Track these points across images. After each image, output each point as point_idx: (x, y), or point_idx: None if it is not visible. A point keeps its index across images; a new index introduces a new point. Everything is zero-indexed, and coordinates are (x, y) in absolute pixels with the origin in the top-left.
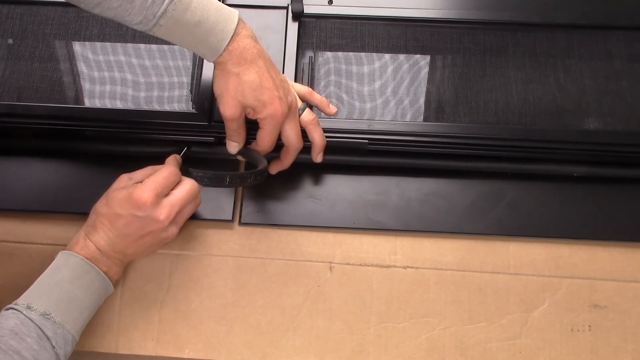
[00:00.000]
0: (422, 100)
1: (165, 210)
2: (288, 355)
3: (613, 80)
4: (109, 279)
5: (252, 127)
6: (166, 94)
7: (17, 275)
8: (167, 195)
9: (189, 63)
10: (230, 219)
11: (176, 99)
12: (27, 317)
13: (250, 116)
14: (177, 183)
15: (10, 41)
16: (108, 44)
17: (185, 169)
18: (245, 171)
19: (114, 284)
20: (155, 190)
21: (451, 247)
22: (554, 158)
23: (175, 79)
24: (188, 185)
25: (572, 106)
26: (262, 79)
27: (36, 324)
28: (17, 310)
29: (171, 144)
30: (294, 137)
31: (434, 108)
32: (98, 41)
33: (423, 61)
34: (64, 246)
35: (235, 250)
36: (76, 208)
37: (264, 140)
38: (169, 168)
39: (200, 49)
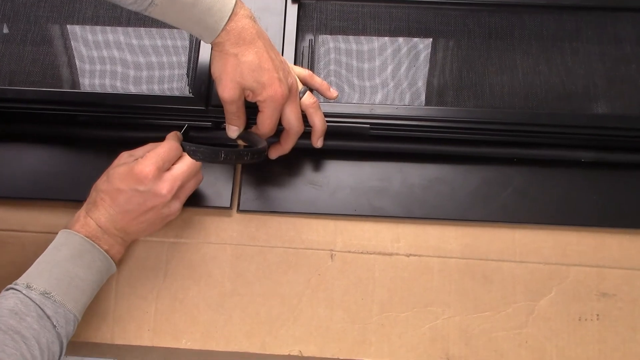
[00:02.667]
0: (425, 84)
1: (167, 184)
2: (288, 345)
3: (622, 63)
4: (111, 257)
5: (252, 110)
6: (164, 79)
7: (10, 264)
8: (168, 169)
9: (186, 46)
10: (229, 206)
11: (174, 85)
12: (26, 296)
13: (250, 99)
14: (179, 158)
15: (6, 30)
16: (102, 26)
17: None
18: (242, 148)
19: (116, 263)
20: (156, 164)
21: (455, 235)
22: (561, 143)
23: (172, 63)
24: (189, 160)
25: (580, 90)
26: (262, 60)
27: (36, 303)
28: (17, 290)
29: (169, 129)
30: (294, 120)
31: (438, 92)
32: (92, 24)
33: (426, 44)
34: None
35: (233, 238)
36: (70, 195)
37: (265, 124)
38: (170, 143)
39: (197, 29)
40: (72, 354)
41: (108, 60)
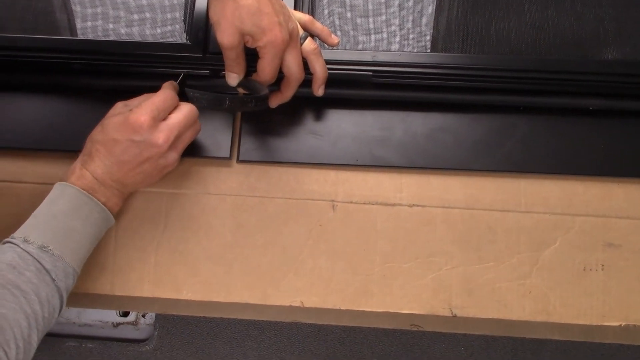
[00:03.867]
0: (430, 29)
1: (163, 134)
2: (289, 297)
3: (633, 7)
4: (109, 210)
5: (251, 57)
6: (161, 25)
7: (7, 215)
8: (164, 119)
9: None
10: (228, 156)
11: (172, 32)
12: (24, 250)
13: (249, 45)
14: (175, 107)
15: None
16: None
17: (182, 90)
18: (246, 95)
19: (114, 216)
20: (151, 113)
21: (459, 185)
22: (569, 90)
23: (168, 10)
24: (186, 108)
25: (590, 35)
26: (261, 4)
27: (34, 257)
28: (14, 244)
29: (165, 77)
30: (295, 66)
31: (443, 38)
32: None
33: None
34: (54, 184)
35: (233, 189)
36: (66, 145)
37: (265, 70)
38: (166, 92)
39: None
40: (73, 305)
41: (104, 7)
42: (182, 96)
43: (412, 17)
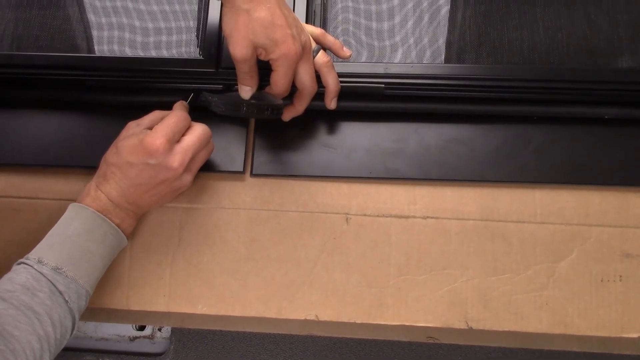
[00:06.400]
0: (442, 40)
1: (178, 157)
2: (304, 310)
3: None
4: (122, 231)
5: (264, 72)
6: (173, 42)
7: (24, 231)
8: (178, 141)
9: (195, 7)
10: (242, 170)
11: (183, 46)
12: (38, 271)
13: (262, 57)
14: (188, 129)
15: None
16: None
17: (193, 109)
18: (263, 103)
19: (127, 237)
20: (166, 136)
21: (473, 196)
22: (584, 99)
23: (182, 24)
24: (199, 130)
25: (604, 43)
26: (274, 16)
27: (48, 279)
28: (28, 265)
29: (178, 93)
30: (308, 79)
31: (455, 49)
32: None
33: None
34: (70, 201)
35: (247, 203)
36: (82, 161)
37: (278, 83)
38: (178, 113)
39: None
40: (89, 319)
41: (117, 24)
42: (194, 111)
43: (423, 28)
